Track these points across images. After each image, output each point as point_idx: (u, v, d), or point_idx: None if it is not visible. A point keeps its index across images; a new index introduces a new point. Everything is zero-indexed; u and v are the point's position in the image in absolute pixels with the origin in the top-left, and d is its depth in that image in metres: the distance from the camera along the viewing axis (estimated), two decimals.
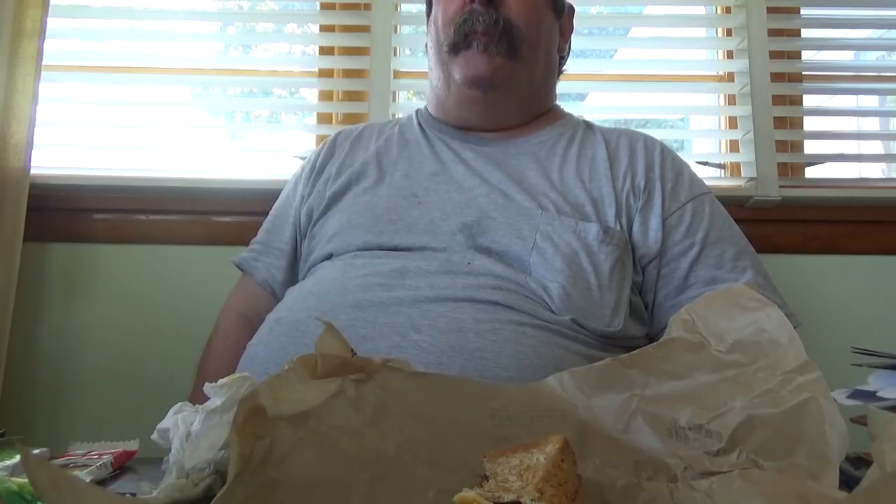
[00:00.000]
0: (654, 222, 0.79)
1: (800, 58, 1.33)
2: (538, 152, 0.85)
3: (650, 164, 0.84)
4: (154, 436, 0.49)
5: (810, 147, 1.33)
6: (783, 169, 1.25)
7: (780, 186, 1.21)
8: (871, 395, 0.49)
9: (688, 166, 0.88)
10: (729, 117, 1.32)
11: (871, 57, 1.55)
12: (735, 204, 1.16)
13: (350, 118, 1.25)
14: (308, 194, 0.90)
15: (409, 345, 0.64)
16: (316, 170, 0.92)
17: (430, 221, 0.78)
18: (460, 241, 0.76)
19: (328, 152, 0.93)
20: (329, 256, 0.81)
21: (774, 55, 1.26)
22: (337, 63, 1.31)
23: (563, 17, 0.93)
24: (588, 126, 0.92)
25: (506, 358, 0.64)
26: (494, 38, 0.81)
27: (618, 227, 0.77)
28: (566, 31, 0.95)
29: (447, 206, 0.79)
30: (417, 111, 0.96)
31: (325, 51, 1.33)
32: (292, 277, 0.90)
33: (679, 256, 0.79)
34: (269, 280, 0.90)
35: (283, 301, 0.79)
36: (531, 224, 0.76)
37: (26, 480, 0.43)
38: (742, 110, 1.26)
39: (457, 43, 0.83)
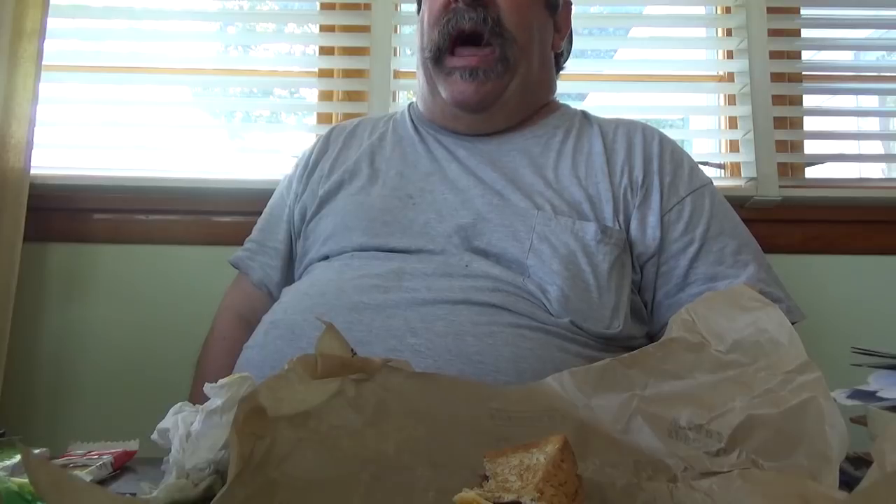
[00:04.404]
0: (653, 219, 0.77)
1: (800, 58, 1.33)
2: (532, 149, 0.83)
3: (648, 157, 0.81)
4: (154, 436, 0.49)
5: (810, 147, 1.33)
6: (783, 169, 1.25)
7: (780, 186, 1.21)
8: (871, 395, 0.49)
9: (688, 156, 0.85)
10: (729, 117, 1.33)
11: (871, 57, 1.55)
12: (735, 204, 1.13)
13: (350, 118, 1.24)
14: (301, 192, 0.89)
15: (407, 348, 0.63)
16: (309, 167, 0.91)
17: (426, 223, 0.77)
18: (456, 243, 0.74)
19: (321, 149, 0.92)
20: (325, 258, 0.80)
21: (774, 55, 1.26)
22: (337, 63, 1.31)
23: (557, 13, 0.89)
24: (585, 117, 0.89)
25: (504, 361, 0.63)
26: (487, 61, 0.78)
27: (616, 226, 0.76)
28: (562, 27, 0.91)
29: (442, 208, 0.78)
30: (410, 106, 0.94)
31: (325, 51, 1.33)
32: (288, 276, 0.89)
33: (678, 253, 0.77)
34: (264, 280, 0.89)
35: (278, 302, 0.78)
36: (527, 225, 0.74)
37: (26, 480, 0.43)
38: (742, 110, 1.26)
39: (440, 48, 0.80)
